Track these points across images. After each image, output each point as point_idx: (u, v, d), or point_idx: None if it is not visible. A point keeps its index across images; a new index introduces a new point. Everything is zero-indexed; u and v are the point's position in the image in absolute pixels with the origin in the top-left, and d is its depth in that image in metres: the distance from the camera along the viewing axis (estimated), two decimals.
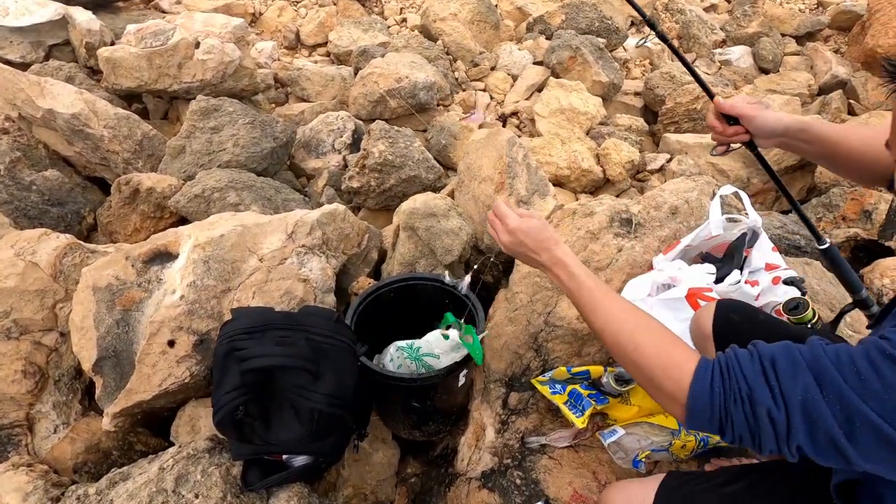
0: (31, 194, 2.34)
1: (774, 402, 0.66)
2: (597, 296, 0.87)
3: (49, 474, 1.48)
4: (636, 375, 0.81)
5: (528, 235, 0.97)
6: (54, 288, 1.68)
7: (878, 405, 0.60)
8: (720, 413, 0.70)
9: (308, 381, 1.17)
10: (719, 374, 0.71)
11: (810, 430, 0.64)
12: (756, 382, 0.68)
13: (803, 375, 0.65)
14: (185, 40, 3.08)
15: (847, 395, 0.62)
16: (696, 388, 0.72)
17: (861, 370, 0.62)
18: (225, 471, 1.29)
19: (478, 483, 1.42)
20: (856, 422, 0.61)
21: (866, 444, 0.61)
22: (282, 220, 1.80)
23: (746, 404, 0.68)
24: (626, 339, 0.81)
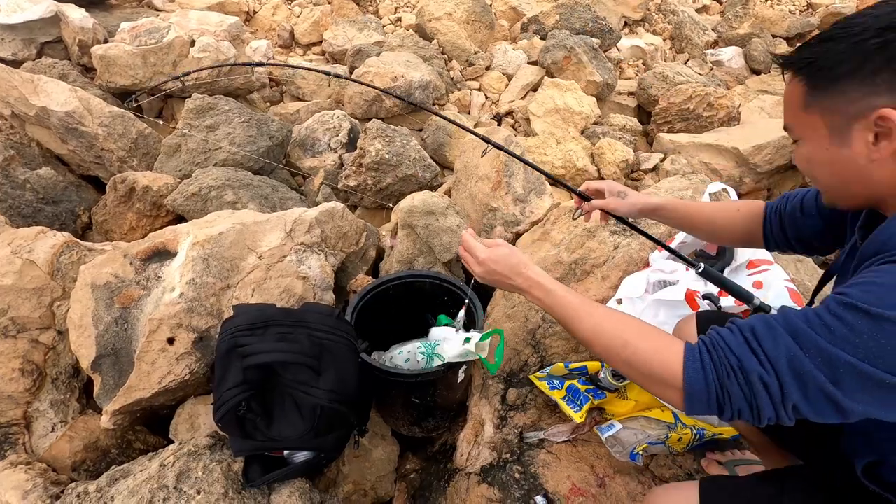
0: (26, 193, 2.32)
1: (763, 368, 0.70)
2: (576, 305, 0.90)
3: (48, 472, 1.47)
4: (629, 372, 0.84)
5: (499, 263, 1.00)
6: (52, 286, 1.67)
7: (851, 348, 0.66)
8: (717, 390, 0.73)
9: (310, 378, 1.18)
10: (707, 354, 0.75)
11: (801, 386, 0.69)
12: (743, 353, 0.72)
13: (783, 338, 0.70)
14: (179, 38, 3.07)
15: (823, 345, 0.67)
16: (689, 371, 0.75)
17: (828, 323, 0.68)
18: (226, 467, 1.30)
19: (477, 478, 1.44)
20: (837, 367, 0.66)
21: (851, 386, 0.66)
22: (280, 218, 1.81)
23: (739, 375, 0.72)
24: (615, 339, 0.84)
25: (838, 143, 0.76)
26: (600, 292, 1.63)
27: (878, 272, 0.69)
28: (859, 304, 0.66)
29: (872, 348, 0.64)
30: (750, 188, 3.29)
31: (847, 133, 0.75)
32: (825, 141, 0.78)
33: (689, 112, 3.92)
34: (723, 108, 3.87)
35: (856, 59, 0.72)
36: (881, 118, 0.71)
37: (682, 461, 1.41)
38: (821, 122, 0.77)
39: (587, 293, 1.63)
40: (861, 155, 0.75)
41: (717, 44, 5.78)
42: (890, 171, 0.74)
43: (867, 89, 0.72)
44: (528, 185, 2.19)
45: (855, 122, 0.74)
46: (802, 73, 0.77)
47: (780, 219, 1.10)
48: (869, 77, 0.71)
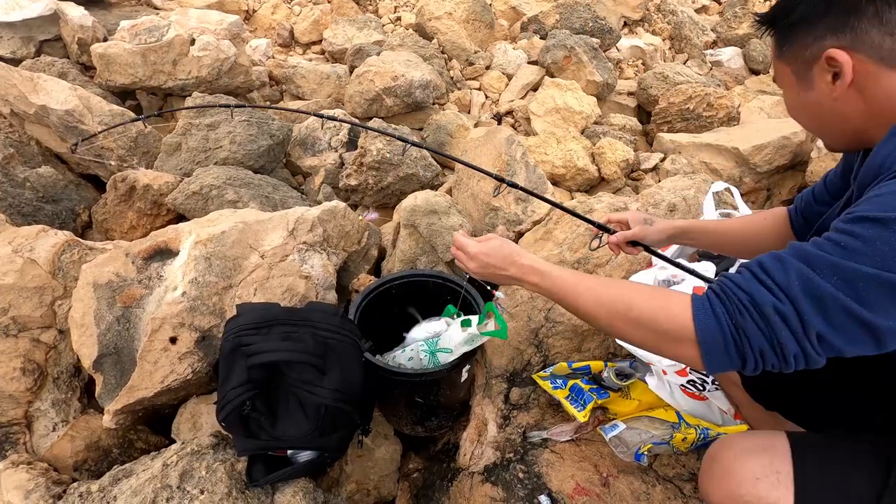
0: (25, 191, 2.31)
1: (776, 297, 0.66)
2: (574, 282, 0.87)
3: (49, 472, 1.46)
4: (641, 335, 0.78)
5: (491, 255, 0.99)
6: (53, 285, 1.67)
7: (869, 259, 0.62)
8: (732, 333, 0.68)
9: (315, 377, 1.18)
10: (717, 299, 0.70)
11: (821, 309, 0.63)
12: (753, 287, 0.68)
13: (792, 265, 0.67)
14: (179, 37, 3.06)
15: (838, 262, 0.64)
16: (699, 318, 0.70)
17: (837, 240, 0.66)
18: (230, 466, 1.29)
19: (481, 477, 1.43)
20: (857, 282, 0.62)
21: (877, 301, 0.62)
22: (283, 217, 1.80)
23: (752, 311, 0.67)
24: (619, 304, 0.79)
25: (805, 86, 0.82)
26: None
27: (880, 187, 0.69)
28: (868, 214, 0.65)
29: (889, 254, 0.61)
30: (750, 188, 3.30)
31: (810, 77, 0.80)
32: (794, 87, 0.84)
33: (688, 112, 3.93)
34: (722, 108, 3.87)
35: (804, 6, 0.78)
36: (829, 59, 0.75)
37: (685, 461, 1.41)
38: (788, 70, 0.83)
39: None
40: (825, 95, 0.79)
41: (716, 44, 5.79)
42: (855, 104, 0.77)
43: (816, 33, 0.77)
44: (530, 184, 2.19)
45: (813, 65, 0.79)
46: (770, 26, 0.84)
47: (803, 217, 1.11)
48: (816, 22, 0.77)
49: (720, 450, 0.89)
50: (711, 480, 0.87)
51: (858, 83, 0.75)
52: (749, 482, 0.81)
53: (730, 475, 0.83)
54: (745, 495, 0.81)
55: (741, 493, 0.81)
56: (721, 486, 0.85)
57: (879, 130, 0.76)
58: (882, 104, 0.75)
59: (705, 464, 0.91)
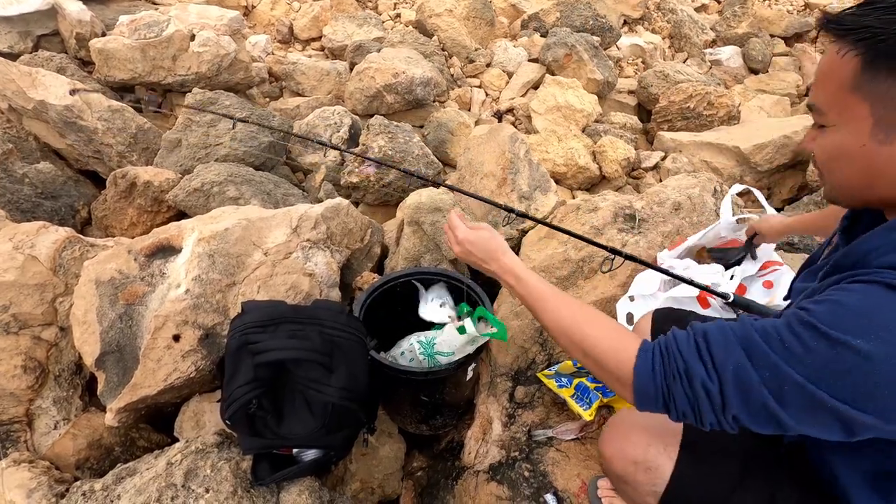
0: (24, 187, 2.29)
1: (708, 375, 0.70)
2: (544, 294, 0.91)
3: (51, 470, 1.45)
4: (586, 363, 0.85)
5: (476, 245, 1.01)
6: (54, 282, 1.65)
7: (803, 368, 0.64)
8: (663, 391, 0.74)
9: (322, 375, 1.17)
10: (659, 355, 0.75)
11: (743, 398, 0.67)
12: (691, 358, 0.72)
13: (734, 348, 0.69)
14: (179, 32, 3.04)
15: (774, 360, 0.65)
16: (639, 369, 0.76)
17: (784, 339, 0.66)
18: (235, 465, 1.28)
19: (486, 476, 1.43)
20: (784, 385, 0.65)
21: (795, 406, 0.65)
22: (286, 214, 1.79)
23: (684, 380, 0.72)
24: (574, 330, 0.84)
25: (881, 138, 0.65)
26: (608, 290, 1.62)
27: (847, 292, 0.65)
28: (819, 326, 0.63)
29: (823, 372, 0.62)
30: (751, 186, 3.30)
31: None
32: (865, 134, 0.66)
33: (689, 111, 3.93)
34: (723, 106, 3.87)
35: None
36: None
37: None
38: (867, 111, 0.65)
39: (595, 291, 1.63)
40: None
41: (715, 43, 5.79)
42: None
43: None
44: (533, 182, 2.18)
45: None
46: (861, 46, 0.64)
47: None
48: None
49: (623, 417, 0.96)
50: (609, 441, 0.95)
51: None
52: (641, 446, 0.90)
53: (625, 438, 0.92)
54: (636, 457, 0.90)
55: (632, 453, 0.90)
56: (615, 445, 0.93)
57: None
58: None
59: (608, 428, 0.99)
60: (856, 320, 0.62)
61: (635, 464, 0.89)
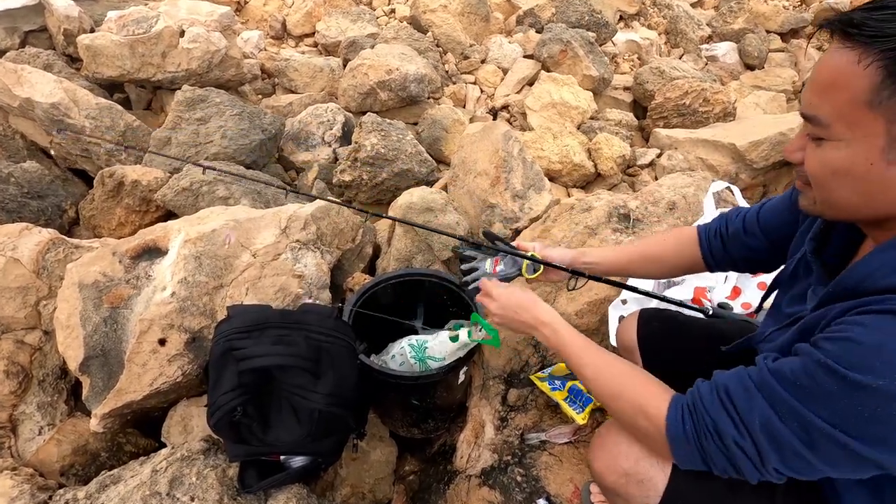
0: (10, 187, 2.25)
1: (738, 431, 0.70)
2: (579, 351, 0.94)
3: (35, 478, 1.43)
4: (624, 423, 0.87)
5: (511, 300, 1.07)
6: (37, 285, 1.62)
7: (827, 414, 0.63)
8: (699, 451, 0.74)
9: (308, 381, 1.14)
10: (689, 414, 0.76)
11: (777, 449, 0.67)
12: (718, 414, 0.72)
13: (757, 400, 0.69)
14: (169, 28, 2.99)
15: (798, 409, 0.65)
16: (672, 433, 0.77)
17: (803, 384, 0.65)
18: (221, 472, 1.26)
19: (478, 480, 1.41)
20: (812, 433, 0.64)
21: (827, 452, 0.64)
22: (275, 214, 1.76)
23: (716, 437, 0.72)
24: (612, 388, 0.87)
25: (892, 158, 0.60)
26: (602, 291, 1.60)
27: (859, 326, 0.61)
28: (837, 369, 0.61)
29: (848, 416, 0.61)
30: (746, 184, 3.28)
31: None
32: (876, 152, 0.60)
33: (685, 107, 3.90)
34: (719, 103, 3.85)
35: None
36: None
37: None
38: (882, 128, 0.59)
39: (589, 292, 1.60)
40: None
41: (711, 39, 5.77)
42: None
43: None
44: (527, 181, 2.16)
45: None
46: (887, 56, 0.56)
47: (722, 241, 1.09)
48: None
49: (611, 429, 0.94)
50: (599, 453, 0.93)
51: None
52: (632, 459, 0.87)
53: (615, 450, 0.90)
54: (627, 469, 0.87)
55: (624, 466, 0.88)
56: (605, 458, 0.91)
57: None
58: None
59: (597, 439, 0.97)
60: (869, 357, 0.59)
61: (626, 476, 0.87)
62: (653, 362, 1.14)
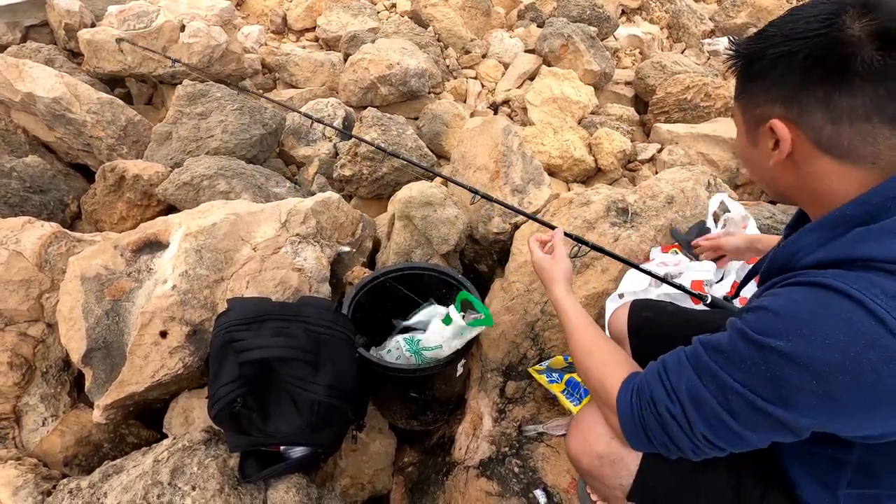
0: (12, 181, 2.26)
1: (669, 398, 0.74)
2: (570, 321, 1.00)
3: (39, 468, 1.44)
4: (590, 389, 0.92)
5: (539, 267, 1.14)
6: (40, 278, 1.63)
7: (740, 375, 0.67)
8: (640, 424, 0.77)
9: (308, 373, 1.16)
10: (637, 391, 0.79)
11: (702, 414, 0.70)
12: (655, 386, 0.76)
13: (685, 369, 0.73)
14: (169, 23, 3.00)
15: (715, 372, 0.69)
16: (621, 404, 0.81)
17: (724, 349, 0.69)
18: (222, 462, 1.28)
19: (476, 471, 1.43)
20: (728, 395, 0.68)
21: (744, 416, 0.67)
22: (275, 208, 1.77)
23: (651, 407, 0.76)
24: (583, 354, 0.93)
25: (751, 141, 0.76)
26: (600, 285, 1.61)
27: (773, 296, 0.68)
28: (749, 333, 0.66)
29: (757, 378, 0.65)
30: (747, 179, 3.28)
31: (756, 134, 0.75)
32: (743, 137, 0.78)
33: (686, 102, 3.90)
34: (720, 98, 3.84)
35: (765, 63, 0.70)
36: (771, 128, 0.70)
37: None
38: (741, 118, 0.77)
39: (586, 286, 1.61)
40: (764, 157, 0.74)
41: (713, 33, 5.74)
42: (789, 176, 0.73)
43: (769, 96, 0.70)
44: (526, 175, 2.16)
45: (760, 125, 0.73)
46: (734, 63, 0.76)
47: None
48: (772, 84, 0.69)
49: (586, 413, 0.97)
50: (574, 438, 0.96)
51: (795, 158, 0.71)
52: (604, 439, 0.89)
53: (590, 433, 0.92)
54: (600, 451, 0.90)
55: (597, 448, 0.90)
56: (580, 441, 0.93)
57: (810, 207, 0.76)
58: (812, 185, 0.72)
59: (572, 425, 1.00)
60: (778, 323, 0.64)
61: (600, 458, 0.89)
62: (641, 351, 1.15)
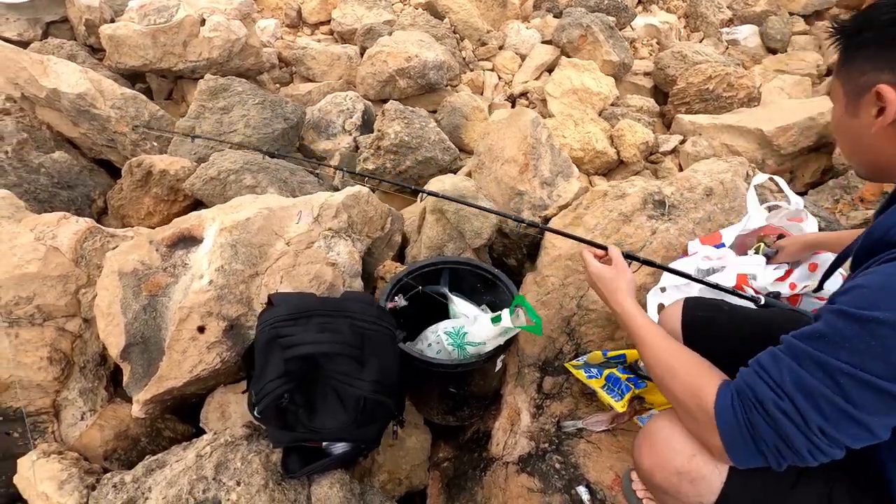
0: (40, 177, 2.27)
1: (776, 394, 0.69)
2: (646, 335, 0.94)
3: (81, 462, 1.45)
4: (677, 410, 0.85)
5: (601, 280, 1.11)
6: (76, 273, 1.64)
7: (847, 356, 0.64)
8: (747, 430, 0.72)
9: (353, 368, 1.15)
10: (737, 395, 0.75)
11: (814, 404, 0.67)
12: (754, 382, 0.73)
13: (783, 360, 0.71)
14: (190, 17, 2.99)
15: (818, 358, 0.66)
16: (722, 418, 0.75)
17: (821, 332, 0.68)
18: (265, 458, 1.28)
19: (516, 467, 1.42)
20: (838, 378, 0.65)
21: (859, 398, 0.64)
22: (307, 202, 1.76)
23: (759, 407, 0.71)
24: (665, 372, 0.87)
25: (851, 112, 0.79)
26: (638, 279, 1.58)
27: (866, 275, 0.68)
28: (846, 309, 0.65)
29: (865, 354, 0.63)
30: (772, 171, 3.22)
31: (857, 104, 0.77)
32: (842, 108, 0.81)
33: (708, 93, 3.84)
34: (743, 88, 3.78)
35: (873, 32, 0.74)
36: (878, 94, 0.72)
37: None
38: (841, 90, 0.80)
39: None
40: (866, 126, 0.76)
41: (732, 22, 5.65)
42: (891, 144, 0.75)
43: (876, 63, 0.73)
44: (555, 168, 2.14)
45: (864, 93, 0.75)
46: (837, 39, 0.80)
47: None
48: (880, 51, 0.73)
49: (661, 426, 0.91)
50: (648, 451, 0.90)
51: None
52: (685, 456, 0.84)
53: (666, 448, 0.86)
54: (679, 467, 0.84)
55: (675, 464, 0.84)
56: (655, 455, 0.88)
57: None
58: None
59: (642, 437, 0.94)
60: (879, 295, 0.63)
61: (679, 474, 0.84)
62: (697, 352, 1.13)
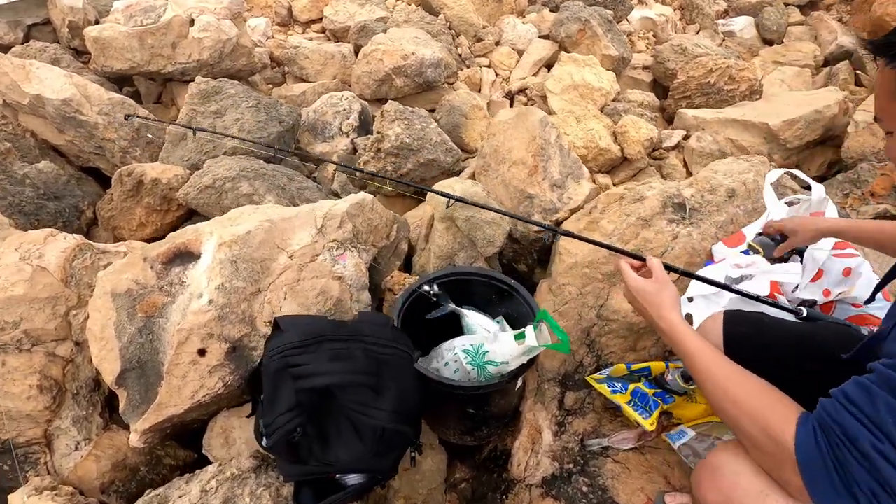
0: (25, 188, 2.17)
1: (872, 434, 0.63)
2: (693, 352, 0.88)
3: (76, 497, 1.37)
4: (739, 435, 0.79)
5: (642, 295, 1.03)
6: (66, 294, 1.54)
7: None
8: (836, 469, 0.65)
9: (369, 398, 1.07)
10: (820, 431, 0.68)
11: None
12: (843, 418, 0.66)
13: (878, 395, 0.64)
14: (178, 17, 2.87)
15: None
16: (803, 454, 0.68)
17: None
18: (275, 492, 1.19)
19: (540, 490, 1.35)
20: None
21: None
22: (310, 212, 1.67)
23: (850, 447, 0.64)
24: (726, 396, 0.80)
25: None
26: None
27: None
28: None
29: None
30: (779, 164, 3.17)
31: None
32: (886, 98, 0.77)
33: (709, 86, 3.77)
34: (745, 80, 3.71)
35: None
36: None
37: None
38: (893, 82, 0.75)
39: None
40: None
41: (727, 13, 5.59)
42: None
43: None
44: (564, 169, 2.06)
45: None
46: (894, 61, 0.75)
47: None
48: None
49: (725, 461, 0.84)
50: (711, 486, 0.84)
51: None
52: (754, 494, 0.77)
53: (734, 487, 0.80)
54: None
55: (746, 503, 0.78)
56: (718, 493, 0.81)
57: None
58: None
59: (704, 471, 0.87)
60: None
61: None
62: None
